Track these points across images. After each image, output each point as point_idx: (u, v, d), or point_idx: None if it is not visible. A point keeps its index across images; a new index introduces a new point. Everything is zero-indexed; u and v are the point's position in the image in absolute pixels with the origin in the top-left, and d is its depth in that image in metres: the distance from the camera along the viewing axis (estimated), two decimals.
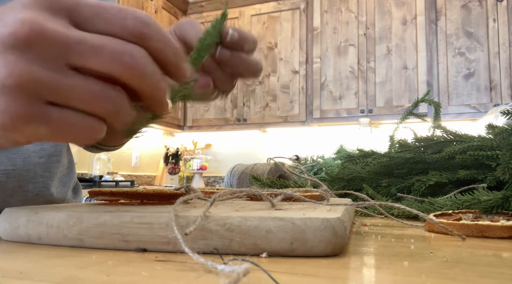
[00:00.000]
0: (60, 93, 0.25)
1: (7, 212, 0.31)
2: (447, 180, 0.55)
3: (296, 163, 1.13)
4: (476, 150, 0.53)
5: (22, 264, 0.23)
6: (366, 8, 3.42)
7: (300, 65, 3.59)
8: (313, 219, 0.25)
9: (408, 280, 0.20)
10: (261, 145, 3.79)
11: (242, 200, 0.45)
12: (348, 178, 0.65)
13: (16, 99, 0.25)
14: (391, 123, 3.36)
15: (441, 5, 3.22)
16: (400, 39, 3.30)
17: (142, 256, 0.25)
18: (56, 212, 0.29)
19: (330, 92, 3.44)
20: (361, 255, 0.27)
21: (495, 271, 0.23)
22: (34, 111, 0.25)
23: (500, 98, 3.01)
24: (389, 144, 0.70)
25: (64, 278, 0.20)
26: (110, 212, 0.28)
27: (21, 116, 0.25)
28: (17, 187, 0.55)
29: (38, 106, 0.25)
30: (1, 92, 0.25)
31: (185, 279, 0.20)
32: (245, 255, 0.25)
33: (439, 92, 3.15)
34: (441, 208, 0.46)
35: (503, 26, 3.04)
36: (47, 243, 0.29)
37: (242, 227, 0.25)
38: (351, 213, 0.39)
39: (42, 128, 0.26)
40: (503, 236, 0.34)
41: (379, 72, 3.33)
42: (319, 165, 1.02)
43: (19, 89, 0.25)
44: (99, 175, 2.95)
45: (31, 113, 0.25)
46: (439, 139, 0.60)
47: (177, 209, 0.27)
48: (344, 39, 3.46)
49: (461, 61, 3.13)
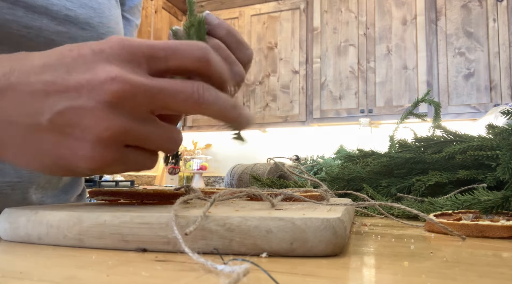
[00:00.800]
0: (140, 139, 0.30)
1: (7, 212, 0.31)
2: (447, 180, 0.55)
3: (296, 163, 1.13)
4: (476, 150, 0.53)
5: (22, 264, 0.23)
6: (366, 8, 3.42)
7: (300, 65, 3.59)
8: (313, 219, 0.25)
9: (408, 280, 0.20)
10: (261, 145, 3.79)
11: (242, 200, 0.45)
12: (348, 178, 0.65)
13: (106, 148, 0.28)
14: (391, 123, 3.36)
15: (441, 5, 3.22)
16: (400, 39, 3.30)
17: (142, 256, 0.25)
18: (56, 212, 0.29)
19: (330, 92, 3.44)
20: (361, 255, 0.27)
21: (495, 271, 0.23)
22: (118, 156, 0.29)
23: (500, 98, 3.01)
24: (389, 144, 0.70)
25: (64, 278, 0.20)
26: (110, 212, 0.28)
27: (107, 162, 0.29)
28: (21, 199, 0.56)
29: (120, 152, 0.29)
30: (96, 142, 0.28)
31: (185, 279, 0.20)
32: (245, 255, 0.25)
33: (439, 92, 3.15)
34: (441, 208, 0.46)
35: (503, 26, 3.04)
36: (47, 243, 0.29)
37: (242, 227, 0.25)
38: (351, 213, 0.39)
39: (119, 168, 0.30)
40: (503, 236, 0.34)
41: (379, 72, 3.33)
42: (319, 165, 1.02)
43: (112, 141, 0.28)
44: (99, 175, 2.95)
45: (116, 158, 0.29)
46: (439, 139, 0.60)
47: (177, 209, 0.27)
48: (344, 39, 3.46)
49: (461, 61, 3.13)
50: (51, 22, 0.52)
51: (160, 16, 3.54)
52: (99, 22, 0.58)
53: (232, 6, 3.89)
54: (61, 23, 0.53)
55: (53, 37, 0.53)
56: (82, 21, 0.56)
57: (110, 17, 0.60)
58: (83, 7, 0.56)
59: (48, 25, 0.52)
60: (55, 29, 0.53)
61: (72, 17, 0.54)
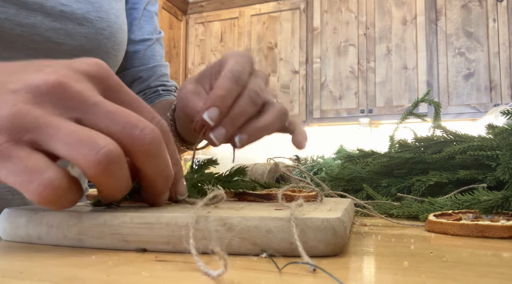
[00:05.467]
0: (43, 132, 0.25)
1: (7, 212, 0.31)
2: (447, 180, 0.55)
3: (296, 162, 1.13)
4: (476, 150, 0.53)
5: (22, 264, 0.23)
6: (366, 8, 3.42)
7: (300, 65, 3.59)
8: (313, 219, 0.25)
9: (408, 280, 0.20)
10: (261, 144, 3.79)
11: None
12: (348, 178, 0.65)
13: None
14: (391, 123, 3.36)
15: (441, 5, 3.22)
16: (400, 39, 3.30)
17: (142, 256, 0.25)
18: (56, 212, 0.29)
19: (330, 92, 3.44)
20: (361, 255, 0.27)
21: (495, 271, 0.23)
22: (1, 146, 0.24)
23: (500, 98, 3.01)
24: (389, 144, 0.70)
25: (64, 278, 0.20)
26: (110, 212, 0.28)
27: None
28: (22, 204, 0.55)
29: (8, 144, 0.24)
30: None
31: (185, 279, 0.20)
32: (245, 255, 0.25)
33: (439, 92, 3.15)
34: (441, 208, 0.46)
35: (503, 26, 3.04)
36: (47, 243, 0.29)
37: (242, 227, 0.25)
38: (351, 213, 0.39)
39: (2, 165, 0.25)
40: (503, 236, 0.34)
41: (379, 72, 3.33)
42: (319, 165, 1.02)
43: None
44: None
45: None
46: (439, 139, 0.60)
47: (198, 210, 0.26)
48: (344, 39, 3.47)
49: (461, 61, 3.13)
50: (45, 18, 0.51)
51: (160, 16, 3.54)
52: (97, 17, 0.56)
53: (232, 6, 3.90)
54: (56, 19, 0.52)
55: (49, 34, 0.51)
56: (78, 16, 0.54)
57: (109, 11, 0.58)
58: (79, 2, 0.54)
59: (43, 22, 0.51)
60: (50, 26, 0.51)
61: (67, 13, 0.53)
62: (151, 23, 0.73)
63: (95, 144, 0.25)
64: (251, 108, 0.37)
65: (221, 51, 3.98)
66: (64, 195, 0.25)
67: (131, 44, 0.70)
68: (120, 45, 0.62)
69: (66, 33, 0.53)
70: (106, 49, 0.59)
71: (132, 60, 0.70)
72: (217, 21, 4.01)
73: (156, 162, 0.28)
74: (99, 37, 0.57)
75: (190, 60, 4.11)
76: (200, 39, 4.08)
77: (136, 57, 0.70)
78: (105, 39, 0.58)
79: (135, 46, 0.70)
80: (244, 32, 3.84)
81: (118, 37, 0.60)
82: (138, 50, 0.70)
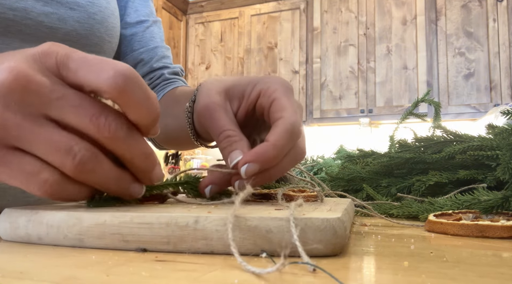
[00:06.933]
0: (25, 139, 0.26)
1: (7, 212, 0.31)
2: (447, 180, 0.55)
3: None
4: (476, 150, 0.53)
5: (22, 264, 0.23)
6: (366, 8, 3.42)
7: (300, 65, 3.59)
8: (313, 219, 0.25)
9: (408, 280, 0.20)
10: None
11: None
12: (348, 178, 0.65)
13: None
14: (391, 123, 3.36)
15: (441, 5, 3.22)
16: (400, 39, 3.31)
17: (142, 256, 0.25)
18: (56, 212, 0.29)
19: (330, 92, 3.44)
20: (361, 255, 0.27)
21: (495, 271, 0.23)
22: None
23: (500, 98, 3.01)
24: (389, 144, 0.70)
25: (64, 278, 0.20)
26: (110, 212, 0.28)
27: None
28: (20, 193, 0.55)
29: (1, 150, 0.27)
30: None
31: (185, 279, 0.20)
32: (245, 255, 0.25)
33: (439, 92, 3.15)
34: (441, 208, 0.46)
35: (503, 26, 3.04)
36: (47, 243, 0.29)
37: (242, 227, 0.25)
38: (351, 213, 0.39)
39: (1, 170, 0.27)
40: (503, 236, 0.34)
41: (379, 72, 3.34)
42: (319, 164, 1.02)
43: None
44: None
45: None
46: (439, 139, 0.60)
47: (236, 209, 0.26)
48: (344, 39, 3.47)
49: (461, 61, 3.13)
50: (36, 3, 0.51)
51: (160, 16, 3.54)
52: (88, 1, 0.57)
53: (232, 6, 3.90)
54: (47, 3, 0.52)
55: (41, 18, 0.52)
56: (69, 0, 0.55)
57: None
58: None
59: (34, 6, 0.51)
60: (42, 10, 0.52)
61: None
62: (147, 6, 0.72)
63: (70, 151, 0.27)
64: (291, 167, 0.35)
65: (221, 51, 3.99)
66: (64, 190, 0.28)
67: (128, 27, 0.69)
68: (113, 31, 0.62)
69: (58, 18, 0.53)
70: (100, 34, 0.59)
71: (131, 44, 0.69)
72: (217, 21, 4.01)
73: (127, 144, 0.28)
74: (91, 22, 0.57)
75: (190, 60, 4.11)
76: (200, 39, 4.08)
77: (135, 39, 0.69)
78: (98, 24, 0.58)
79: (132, 29, 0.69)
80: (244, 32, 3.84)
81: (110, 22, 0.61)
82: (135, 33, 0.69)
